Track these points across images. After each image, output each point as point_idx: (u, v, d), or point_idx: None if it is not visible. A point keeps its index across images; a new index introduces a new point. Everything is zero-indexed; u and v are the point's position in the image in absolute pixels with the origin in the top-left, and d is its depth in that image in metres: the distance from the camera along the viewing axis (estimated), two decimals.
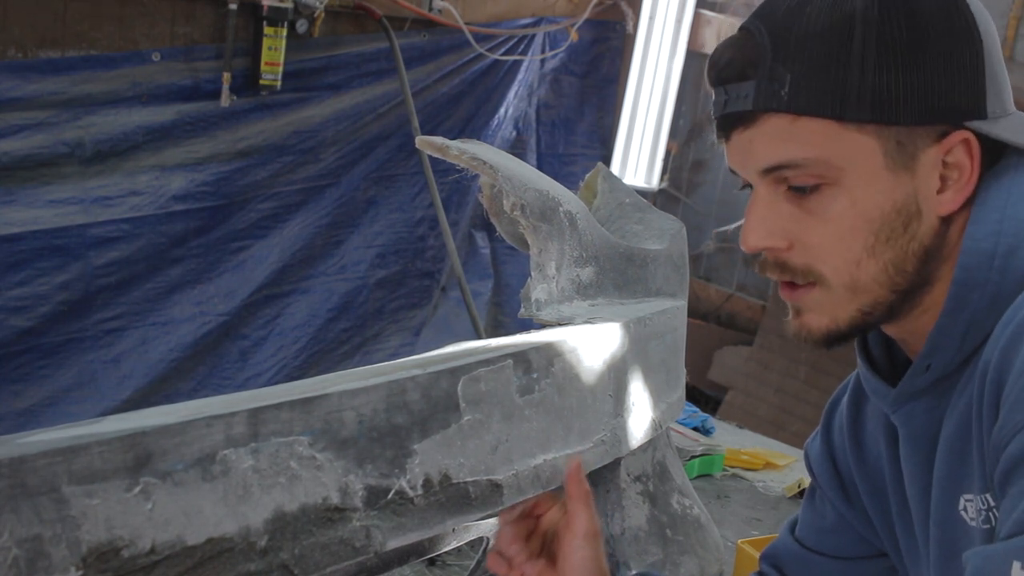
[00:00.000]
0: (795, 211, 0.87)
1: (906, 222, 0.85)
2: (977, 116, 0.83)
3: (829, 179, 0.85)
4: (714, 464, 2.02)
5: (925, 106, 0.82)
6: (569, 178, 3.76)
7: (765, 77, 0.85)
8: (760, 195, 0.89)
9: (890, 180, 0.84)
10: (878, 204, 0.85)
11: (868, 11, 0.82)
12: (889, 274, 0.86)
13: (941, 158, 0.84)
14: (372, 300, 3.82)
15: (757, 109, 0.85)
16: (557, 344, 1.12)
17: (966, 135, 0.83)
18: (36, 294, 2.90)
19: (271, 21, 3.11)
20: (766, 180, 0.88)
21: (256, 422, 0.80)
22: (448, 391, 0.96)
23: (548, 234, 1.21)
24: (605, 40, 4.39)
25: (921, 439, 0.92)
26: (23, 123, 2.77)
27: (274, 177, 3.39)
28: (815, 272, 0.88)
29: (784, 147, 0.85)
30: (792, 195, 0.87)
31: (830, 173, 0.85)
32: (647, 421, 1.29)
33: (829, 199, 0.86)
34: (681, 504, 1.39)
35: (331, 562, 0.83)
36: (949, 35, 0.82)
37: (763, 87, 0.85)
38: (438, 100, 3.80)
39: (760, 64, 0.85)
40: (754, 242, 0.90)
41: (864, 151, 0.84)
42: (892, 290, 0.87)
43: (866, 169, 0.84)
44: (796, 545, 1.17)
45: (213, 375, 3.40)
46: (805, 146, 0.84)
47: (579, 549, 1.00)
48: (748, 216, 0.90)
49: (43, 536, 0.67)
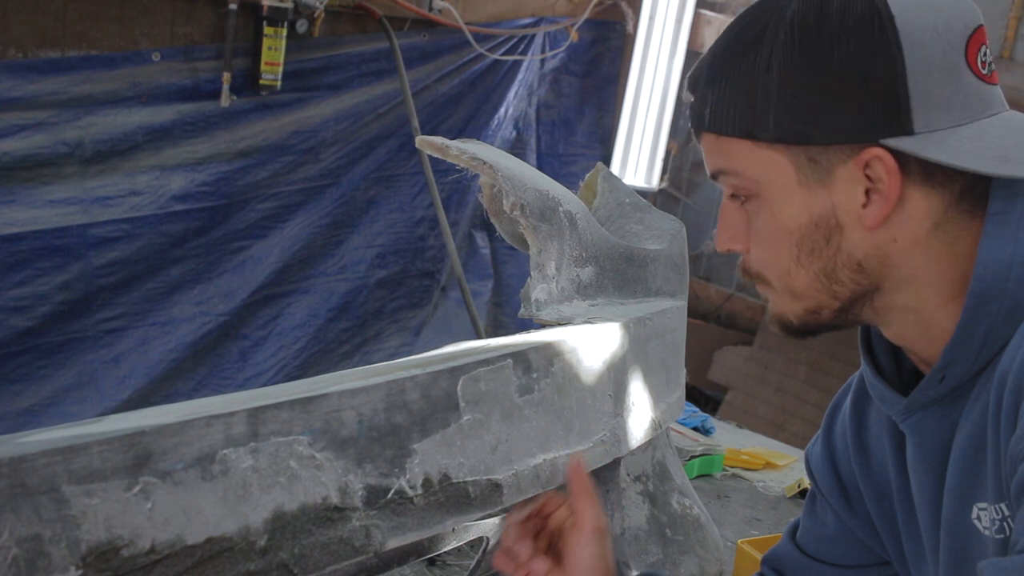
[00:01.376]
0: (744, 218, 0.92)
1: (827, 235, 0.88)
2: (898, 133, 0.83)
3: (751, 191, 0.90)
4: (714, 464, 2.02)
5: (832, 125, 0.84)
6: (569, 178, 3.76)
7: (698, 97, 0.91)
8: (724, 200, 0.94)
9: (804, 195, 0.87)
10: (794, 217, 0.88)
11: (776, 35, 0.85)
12: (823, 282, 0.89)
13: (862, 173, 0.85)
14: (372, 300, 3.82)
15: (695, 126, 0.92)
16: (557, 344, 1.12)
17: (877, 152, 0.84)
18: (36, 294, 2.90)
19: (271, 21, 3.11)
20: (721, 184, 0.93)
21: (256, 422, 0.80)
22: (448, 391, 0.96)
23: (548, 234, 1.21)
24: (605, 40, 4.40)
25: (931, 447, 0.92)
26: (23, 123, 2.77)
27: (274, 177, 3.39)
28: (763, 277, 0.93)
29: (714, 159, 0.91)
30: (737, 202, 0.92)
31: (750, 186, 0.89)
32: (647, 421, 1.29)
33: (756, 210, 0.90)
34: (681, 504, 1.39)
35: (331, 562, 0.83)
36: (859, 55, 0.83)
37: (697, 106, 0.91)
38: (438, 100, 3.80)
39: (698, 84, 0.91)
40: (721, 244, 0.95)
41: (777, 168, 0.87)
42: (833, 296, 0.90)
43: (780, 185, 0.88)
44: (797, 551, 1.17)
45: (213, 375, 3.40)
46: (728, 160, 0.90)
47: (585, 546, 1.00)
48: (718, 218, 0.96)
49: (43, 535, 0.67)
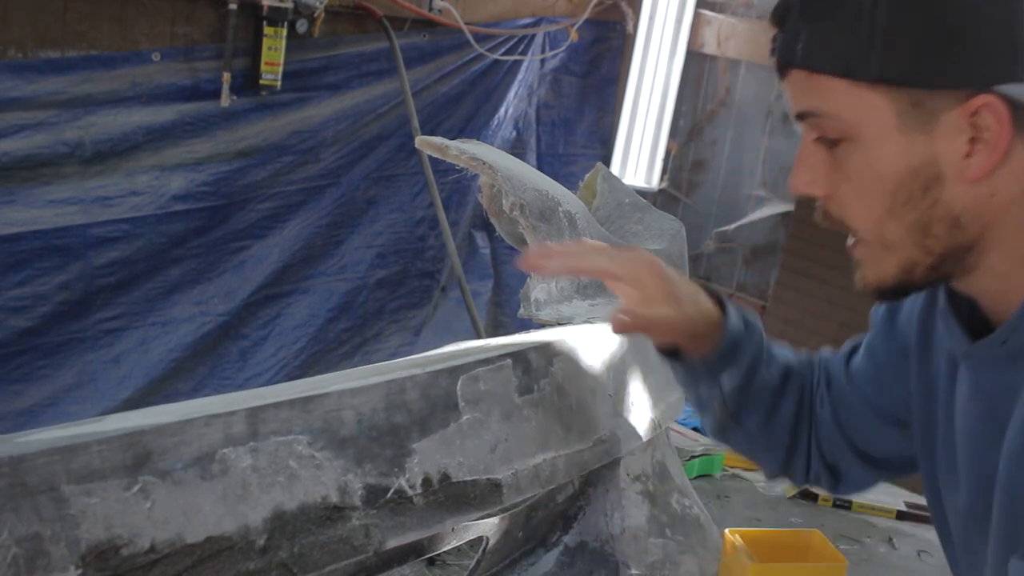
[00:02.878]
0: (829, 160, 0.87)
1: (925, 186, 0.83)
2: (1010, 79, 0.79)
3: (846, 134, 0.85)
4: (714, 464, 2.02)
5: (941, 68, 0.80)
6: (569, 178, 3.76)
7: (789, 31, 0.85)
8: (804, 139, 0.89)
9: (904, 142, 0.83)
10: (891, 165, 0.83)
11: None
12: (916, 236, 0.85)
13: (968, 122, 0.81)
14: (372, 300, 3.82)
15: (782, 62, 0.87)
16: (556, 344, 1.12)
17: (989, 99, 0.79)
18: (36, 294, 2.90)
19: (271, 21, 3.11)
20: (804, 125, 0.88)
21: (255, 421, 0.80)
22: (447, 390, 0.96)
23: (547, 234, 1.22)
24: (605, 40, 4.39)
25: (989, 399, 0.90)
26: (23, 123, 2.76)
27: (274, 177, 3.39)
28: (848, 226, 0.88)
29: (804, 98, 0.86)
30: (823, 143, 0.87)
31: (846, 129, 0.84)
32: (646, 421, 1.29)
33: (848, 154, 0.85)
34: (681, 504, 1.39)
35: (330, 561, 0.83)
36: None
37: (786, 41, 0.85)
38: (438, 100, 3.80)
39: (788, 16, 0.85)
40: (796, 187, 0.90)
41: (876, 111, 0.83)
42: (926, 252, 0.85)
43: (878, 129, 0.83)
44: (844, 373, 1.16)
45: (213, 375, 3.39)
46: (821, 100, 0.85)
47: None
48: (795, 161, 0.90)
49: (42, 535, 0.67)
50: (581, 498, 1.33)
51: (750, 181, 4.32)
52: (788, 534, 1.43)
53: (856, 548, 1.72)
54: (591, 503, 1.32)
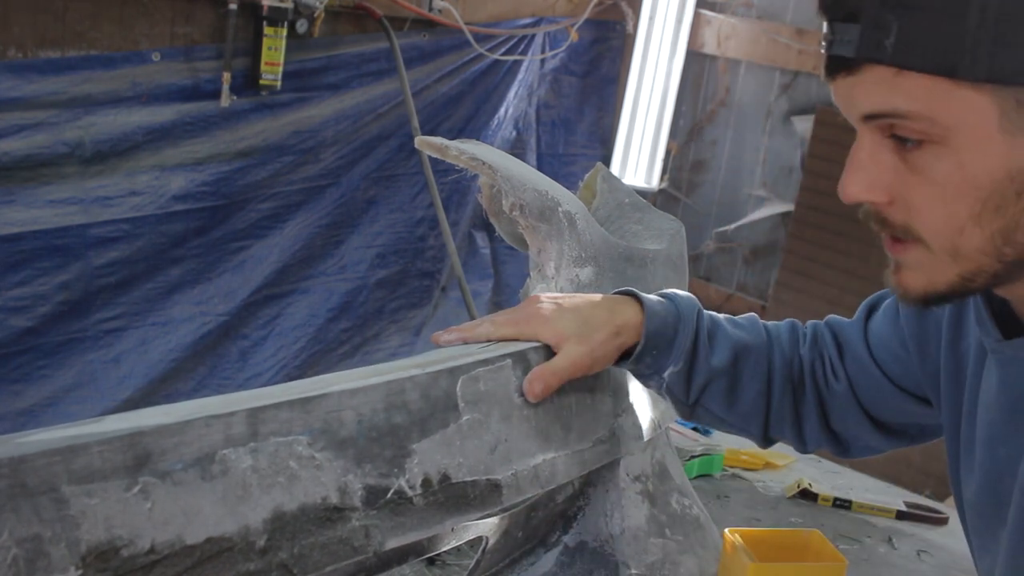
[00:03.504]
0: (899, 164, 0.81)
1: (1020, 190, 0.77)
2: None
3: (935, 137, 0.78)
4: (714, 464, 2.02)
5: None
6: (569, 178, 3.76)
7: (871, 23, 0.77)
8: (863, 142, 0.82)
9: (1005, 144, 0.76)
10: (989, 170, 0.77)
11: None
12: (996, 244, 0.80)
13: None
14: (372, 300, 3.82)
15: (860, 58, 0.78)
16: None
17: None
18: (36, 294, 2.90)
19: (271, 21, 3.11)
20: (869, 126, 0.81)
21: (255, 422, 0.80)
22: (447, 391, 0.96)
23: (547, 234, 1.22)
24: (605, 40, 4.39)
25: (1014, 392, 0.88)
26: (23, 123, 2.76)
27: (274, 177, 3.39)
28: (914, 232, 0.82)
29: (888, 97, 0.78)
30: (896, 146, 0.81)
31: (936, 131, 0.78)
32: (646, 421, 1.29)
33: (934, 158, 0.79)
34: (681, 504, 1.39)
35: (330, 562, 0.83)
36: None
37: (867, 35, 0.77)
38: (438, 100, 3.80)
39: (867, 6, 0.77)
40: (853, 193, 0.83)
41: (977, 111, 0.76)
42: (999, 260, 0.80)
43: (978, 131, 0.76)
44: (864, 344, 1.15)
45: (213, 375, 3.40)
46: (910, 99, 0.77)
47: None
48: (849, 163, 0.83)
49: (42, 535, 0.67)
50: (581, 498, 1.33)
51: (750, 181, 4.32)
52: (788, 534, 1.43)
53: (856, 548, 1.72)
54: (591, 503, 1.32)
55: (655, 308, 1.13)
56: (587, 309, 1.11)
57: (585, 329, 1.08)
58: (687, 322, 1.14)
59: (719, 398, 1.18)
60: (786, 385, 1.20)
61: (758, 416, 1.20)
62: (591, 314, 1.10)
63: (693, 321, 1.14)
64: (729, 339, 1.17)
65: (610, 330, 1.09)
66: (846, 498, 1.90)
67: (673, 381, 1.16)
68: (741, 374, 1.18)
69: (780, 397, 1.20)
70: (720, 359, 1.16)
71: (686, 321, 1.14)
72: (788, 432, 1.23)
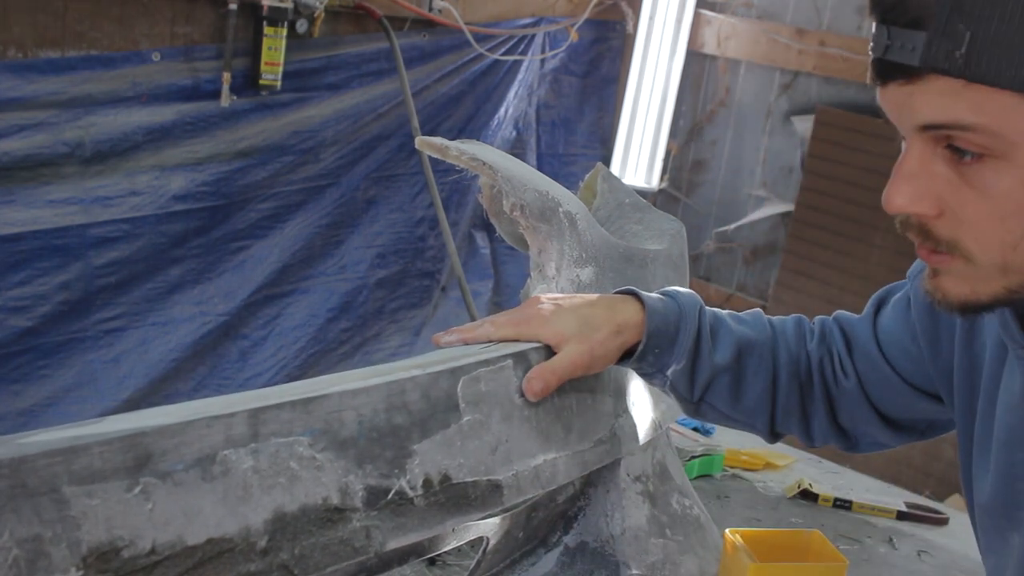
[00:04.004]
0: (952, 177, 0.78)
1: None
2: None
3: (996, 151, 0.75)
4: (714, 464, 2.02)
5: None
6: (569, 178, 3.76)
7: (939, 32, 0.73)
8: (914, 151, 0.79)
9: None
10: None
11: None
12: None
13: None
14: (372, 300, 3.82)
15: (924, 68, 0.74)
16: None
17: None
18: (36, 294, 2.90)
19: (271, 21, 3.11)
20: (923, 136, 0.78)
21: (256, 422, 0.80)
22: (448, 391, 0.96)
23: (547, 234, 1.22)
24: (605, 40, 4.39)
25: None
26: (23, 123, 2.76)
27: (274, 177, 3.39)
28: (961, 248, 0.79)
29: (951, 108, 0.74)
30: (951, 157, 0.78)
31: (999, 146, 0.74)
32: (647, 421, 1.29)
33: (993, 173, 0.76)
34: (681, 504, 1.39)
35: (331, 562, 0.83)
36: None
37: (935, 44, 0.73)
38: (438, 100, 3.80)
39: (936, 14, 0.73)
40: (900, 204, 0.80)
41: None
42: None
43: None
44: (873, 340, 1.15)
45: (213, 375, 3.39)
46: (976, 112, 0.74)
47: None
48: (897, 172, 0.80)
49: (43, 536, 0.67)
50: (581, 498, 1.33)
51: (750, 181, 4.32)
52: (788, 534, 1.43)
53: (856, 548, 1.72)
54: (591, 503, 1.32)
55: (656, 306, 1.13)
56: (587, 309, 1.11)
57: (585, 328, 1.08)
58: (689, 320, 1.14)
59: (724, 395, 1.17)
60: (792, 381, 1.20)
61: (764, 412, 1.20)
62: (591, 313, 1.10)
63: (695, 318, 1.14)
64: (732, 335, 1.17)
65: (610, 329, 1.09)
66: (846, 498, 1.90)
67: (677, 379, 1.15)
68: (745, 370, 1.17)
69: (786, 393, 1.20)
70: (723, 356, 1.15)
71: (688, 319, 1.14)
72: (795, 427, 1.22)
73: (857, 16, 3.97)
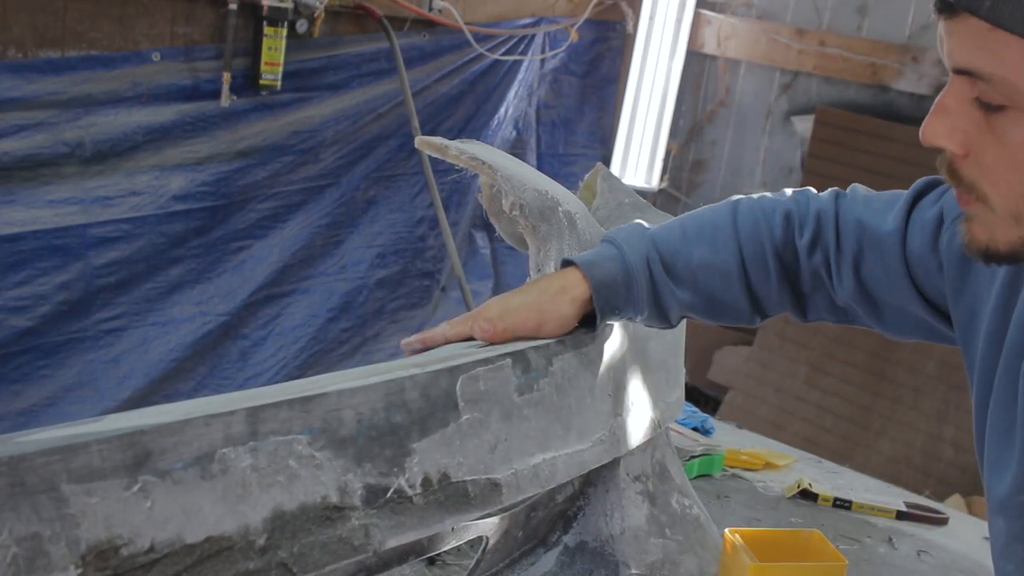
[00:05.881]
0: (980, 120, 0.82)
1: None
2: None
3: (1017, 103, 0.79)
4: (714, 464, 2.02)
5: None
6: (569, 178, 3.76)
7: None
8: (952, 89, 0.83)
9: None
10: None
11: None
12: None
13: None
14: (372, 300, 3.82)
15: (959, 4, 0.78)
16: (556, 344, 1.12)
17: None
18: (36, 294, 2.90)
19: (271, 21, 3.11)
20: (958, 79, 0.82)
21: (255, 421, 0.80)
22: (447, 390, 0.96)
23: (547, 234, 1.22)
24: (605, 40, 4.39)
25: None
26: (23, 123, 2.77)
27: (274, 177, 3.39)
28: (980, 191, 0.83)
29: (975, 55, 0.79)
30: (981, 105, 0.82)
31: (1018, 98, 0.78)
32: (646, 421, 1.29)
33: (1011, 123, 0.80)
34: (681, 504, 1.39)
35: (330, 561, 0.83)
36: None
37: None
38: (438, 100, 3.80)
39: None
40: (931, 137, 0.84)
41: None
42: None
43: None
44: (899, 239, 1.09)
45: (213, 375, 3.39)
46: (996, 61, 0.78)
47: None
48: (934, 108, 0.84)
49: (42, 534, 0.67)
50: (581, 498, 1.33)
51: (750, 181, 4.32)
52: (788, 534, 1.43)
53: (856, 548, 1.72)
54: (591, 503, 1.32)
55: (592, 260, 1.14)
56: (531, 285, 1.15)
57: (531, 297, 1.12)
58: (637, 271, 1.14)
59: (704, 317, 1.19)
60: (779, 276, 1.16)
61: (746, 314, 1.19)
62: (536, 287, 1.14)
63: (644, 268, 1.14)
64: (690, 266, 1.16)
65: (555, 290, 1.12)
66: (846, 498, 1.90)
67: (650, 322, 1.19)
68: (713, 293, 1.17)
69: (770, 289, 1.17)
70: (685, 293, 1.16)
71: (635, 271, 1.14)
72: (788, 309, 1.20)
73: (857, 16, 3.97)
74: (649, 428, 1.29)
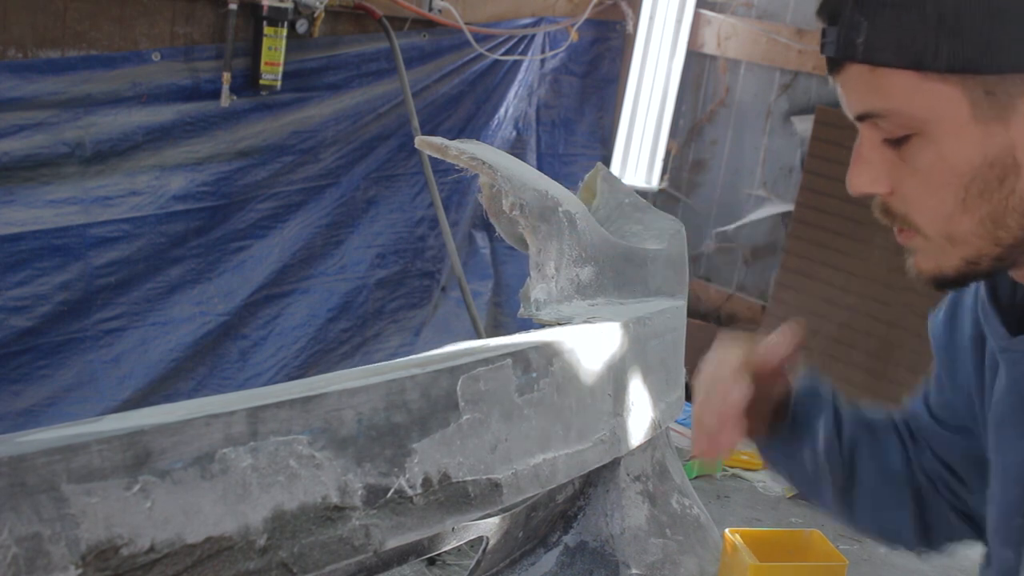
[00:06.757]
0: (893, 156, 0.85)
1: (1001, 176, 0.80)
2: None
3: (916, 130, 0.82)
4: (714, 464, 2.02)
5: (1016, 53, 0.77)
6: (569, 178, 3.76)
7: (846, 24, 0.82)
8: (863, 138, 0.87)
9: (980, 132, 0.80)
10: (967, 157, 0.81)
11: None
12: (987, 228, 0.83)
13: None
14: (372, 300, 3.82)
15: (840, 57, 0.84)
16: (556, 344, 1.12)
17: None
18: (36, 294, 2.90)
19: (271, 21, 3.11)
20: (863, 125, 0.86)
21: (255, 421, 0.80)
22: (447, 390, 0.96)
23: (547, 234, 1.22)
24: (605, 40, 4.39)
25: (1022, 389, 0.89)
26: (23, 123, 2.76)
27: (274, 177, 3.39)
28: (911, 222, 0.86)
29: (868, 98, 0.83)
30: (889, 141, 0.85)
31: (915, 124, 0.82)
32: (647, 420, 1.29)
33: (917, 150, 0.83)
34: (681, 504, 1.39)
35: (330, 561, 0.83)
36: None
37: (843, 34, 0.82)
38: (438, 100, 3.80)
39: (842, 9, 0.82)
40: (858, 187, 0.88)
41: (948, 102, 0.80)
42: (996, 243, 0.83)
43: (952, 121, 0.80)
44: (925, 408, 1.15)
45: (213, 375, 3.39)
46: (886, 97, 0.82)
47: None
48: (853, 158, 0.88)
49: (42, 534, 0.67)
50: (581, 498, 1.33)
51: (750, 181, 4.32)
52: (788, 534, 1.43)
53: (856, 548, 1.72)
54: (591, 503, 1.32)
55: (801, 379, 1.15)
56: None
57: None
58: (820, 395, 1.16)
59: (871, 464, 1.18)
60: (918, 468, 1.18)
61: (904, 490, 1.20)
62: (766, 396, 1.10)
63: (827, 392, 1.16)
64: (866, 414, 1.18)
65: None
66: None
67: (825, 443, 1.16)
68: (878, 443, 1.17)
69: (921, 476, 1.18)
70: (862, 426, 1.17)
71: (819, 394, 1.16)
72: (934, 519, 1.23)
73: None
74: (649, 428, 1.29)
